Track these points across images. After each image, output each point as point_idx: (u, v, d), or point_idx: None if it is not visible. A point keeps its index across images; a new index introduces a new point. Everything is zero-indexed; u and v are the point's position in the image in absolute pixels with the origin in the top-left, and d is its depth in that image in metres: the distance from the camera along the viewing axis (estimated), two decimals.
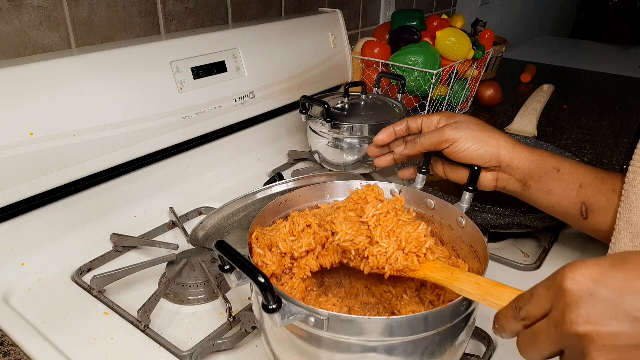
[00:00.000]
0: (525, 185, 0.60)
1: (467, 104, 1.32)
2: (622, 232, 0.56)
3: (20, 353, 0.53)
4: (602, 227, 0.59)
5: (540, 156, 0.59)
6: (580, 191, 0.59)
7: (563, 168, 0.59)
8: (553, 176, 0.59)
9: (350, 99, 0.93)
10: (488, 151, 0.58)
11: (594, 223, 0.60)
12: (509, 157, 0.59)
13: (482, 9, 2.09)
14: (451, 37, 1.11)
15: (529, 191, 0.60)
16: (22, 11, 0.68)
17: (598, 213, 0.59)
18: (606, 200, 0.58)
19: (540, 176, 0.59)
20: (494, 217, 0.68)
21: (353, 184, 0.58)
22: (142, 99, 0.73)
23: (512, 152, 0.59)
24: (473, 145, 0.58)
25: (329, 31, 1.08)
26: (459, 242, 0.52)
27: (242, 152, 0.95)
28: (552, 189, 0.59)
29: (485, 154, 0.58)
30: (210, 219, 0.56)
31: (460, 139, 0.58)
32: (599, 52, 2.24)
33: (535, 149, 0.60)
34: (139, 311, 0.56)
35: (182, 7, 0.89)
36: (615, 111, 1.35)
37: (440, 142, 0.59)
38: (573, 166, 0.60)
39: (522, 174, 0.59)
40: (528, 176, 0.59)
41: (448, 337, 0.41)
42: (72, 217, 0.70)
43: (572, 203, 0.59)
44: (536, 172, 0.59)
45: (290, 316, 0.38)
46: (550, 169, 0.59)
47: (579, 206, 0.59)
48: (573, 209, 0.60)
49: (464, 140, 0.58)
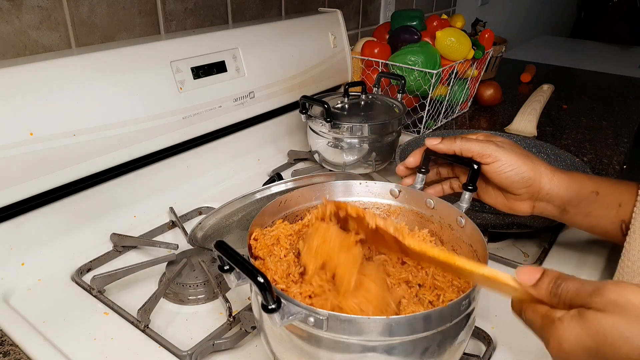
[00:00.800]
0: (564, 211, 0.59)
1: (467, 104, 1.32)
2: (637, 232, 0.55)
3: (20, 353, 0.53)
4: None
5: (579, 182, 0.59)
6: (620, 210, 0.58)
7: (602, 190, 0.58)
8: (592, 200, 0.58)
9: (350, 99, 0.93)
10: (530, 177, 0.57)
11: None
12: (549, 186, 0.58)
13: (482, 9, 2.09)
14: (451, 37, 1.11)
15: (567, 216, 0.60)
16: (22, 11, 0.68)
17: None
18: None
19: (579, 201, 0.58)
20: (494, 217, 0.68)
21: (352, 184, 0.58)
22: (142, 99, 0.73)
23: (552, 180, 0.58)
24: (515, 169, 0.57)
25: (329, 31, 1.08)
26: (459, 242, 0.52)
27: (242, 152, 0.95)
28: (591, 211, 0.59)
29: (526, 179, 0.57)
30: (208, 219, 0.56)
31: (503, 159, 0.57)
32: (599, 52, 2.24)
33: (574, 174, 0.59)
34: (139, 311, 0.56)
35: (182, 7, 0.89)
36: (615, 111, 1.35)
37: (482, 154, 0.57)
38: (611, 187, 0.59)
39: (561, 201, 0.58)
40: (567, 203, 0.59)
41: (448, 337, 0.41)
42: (72, 217, 0.70)
43: (611, 222, 0.59)
44: (575, 198, 0.58)
45: (290, 316, 0.38)
46: (589, 193, 0.58)
47: (619, 225, 0.58)
48: (613, 228, 0.59)
49: (507, 161, 0.57)
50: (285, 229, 0.52)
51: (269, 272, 0.47)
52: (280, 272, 0.47)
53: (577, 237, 0.75)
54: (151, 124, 0.74)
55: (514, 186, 0.57)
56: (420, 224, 0.57)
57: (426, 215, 0.56)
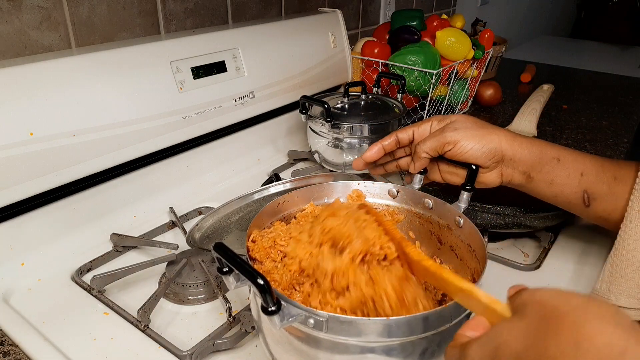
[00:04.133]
0: (529, 178, 0.60)
1: (467, 104, 1.32)
2: (633, 222, 0.56)
3: (20, 353, 0.53)
4: (604, 214, 0.60)
5: (540, 147, 0.60)
6: (582, 179, 0.59)
7: (563, 157, 0.60)
8: (554, 166, 0.59)
9: (350, 99, 0.93)
10: (491, 148, 0.58)
11: (596, 211, 0.60)
12: (511, 151, 0.59)
13: (482, 9, 2.09)
14: (451, 37, 1.11)
15: (532, 183, 0.61)
16: (22, 11, 0.68)
17: (600, 201, 0.59)
18: (607, 188, 0.59)
19: (542, 167, 0.59)
20: (494, 217, 0.68)
21: (351, 185, 0.58)
22: (142, 99, 0.73)
23: (513, 145, 0.59)
24: (476, 145, 0.58)
25: (329, 31, 1.08)
26: (458, 242, 0.53)
27: (242, 152, 0.95)
28: (554, 179, 0.60)
29: (489, 151, 0.58)
30: (206, 220, 0.57)
31: (462, 139, 0.58)
32: (599, 52, 2.24)
33: (535, 140, 0.61)
34: (139, 311, 0.56)
35: (182, 7, 0.89)
36: (615, 111, 1.35)
37: (441, 145, 0.59)
38: (573, 155, 0.60)
39: (524, 165, 0.59)
40: (530, 167, 0.59)
41: (448, 338, 0.41)
42: (72, 217, 0.70)
43: (574, 192, 0.60)
44: (538, 162, 0.59)
45: (289, 318, 0.38)
46: (550, 158, 0.59)
47: (581, 194, 0.60)
48: (575, 197, 0.60)
49: (465, 140, 0.58)
50: (283, 231, 0.52)
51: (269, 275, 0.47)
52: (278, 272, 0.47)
53: (578, 237, 0.75)
54: (151, 124, 0.74)
55: (480, 160, 0.58)
56: (418, 224, 0.57)
57: (424, 216, 0.56)
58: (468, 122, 0.60)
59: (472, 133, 0.58)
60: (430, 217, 0.56)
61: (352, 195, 0.58)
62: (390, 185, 0.58)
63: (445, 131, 0.59)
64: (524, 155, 0.59)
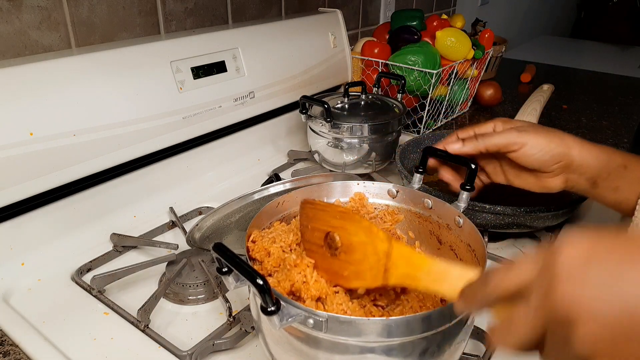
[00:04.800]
0: (595, 184, 0.59)
1: (467, 104, 1.33)
2: None
3: (20, 353, 0.53)
4: None
5: (607, 153, 0.59)
6: None
7: (630, 164, 0.58)
8: (620, 174, 0.58)
9: (350, 99, 0.93)
10: (559, 152, 0.57)
11: None
12: (580, 157, 0.58)
13: (482, 9, 2.09)
14: (451, 37, 1.11)
15: (597, 190, 0.59)
16: (22, 11, 0.68)
17: None
18: None
19: (608, 174, 0.58)
20: (494, 217, 0.68)
21: (350, 185, 0.58)
22: (142, 99, 0.73)
23: (582, 151, 0.58)
24: (544, 148, 0.57)
25: (329, 31, 1.08)
26: (457, 241, 0.52)
27: (242, 152, 0.95)
28: (619, 186, 0.58)
29: (556, 155, 0.57)
30: (206, 220, 0.57)
31: (529, 142, 0.57)
32: (599, 52, 2.24)
33: (603, 146, 0.59)
34: (139, 311, 0.56)
35: (182, 7, 0.89)
36: (615, 111, 1.35)
37: (509, 144, 0.58)
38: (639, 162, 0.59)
39: (591, 172, 0.58)
40: (597, 174, 0.58)
41: (447, 337, 0.41)
42: (72, 217, 0.70)
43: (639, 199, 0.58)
44: (605, 169, 0.58)
45: (289, 318, 0.38)
46: (617, 165, 0.58)
47: None
48: None
49: (534, 143, 0.57)
50: (283, 232, 0.52)
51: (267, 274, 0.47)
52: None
53: None
54: (151, 124, 0.74)
55: (546, 165, 0.58)
56: (418, 224, 0.57)
57: (424, 215, 0.56)
58: (535, 126, 0.59)
59: (542, 137, 0.57)
60: (429, 217, 0.56)
61: (354, 198, 0.58)
62: (389, 185, 0.58)
63: (513, 131, 0.58)
64: (592, 161, 0.58)
